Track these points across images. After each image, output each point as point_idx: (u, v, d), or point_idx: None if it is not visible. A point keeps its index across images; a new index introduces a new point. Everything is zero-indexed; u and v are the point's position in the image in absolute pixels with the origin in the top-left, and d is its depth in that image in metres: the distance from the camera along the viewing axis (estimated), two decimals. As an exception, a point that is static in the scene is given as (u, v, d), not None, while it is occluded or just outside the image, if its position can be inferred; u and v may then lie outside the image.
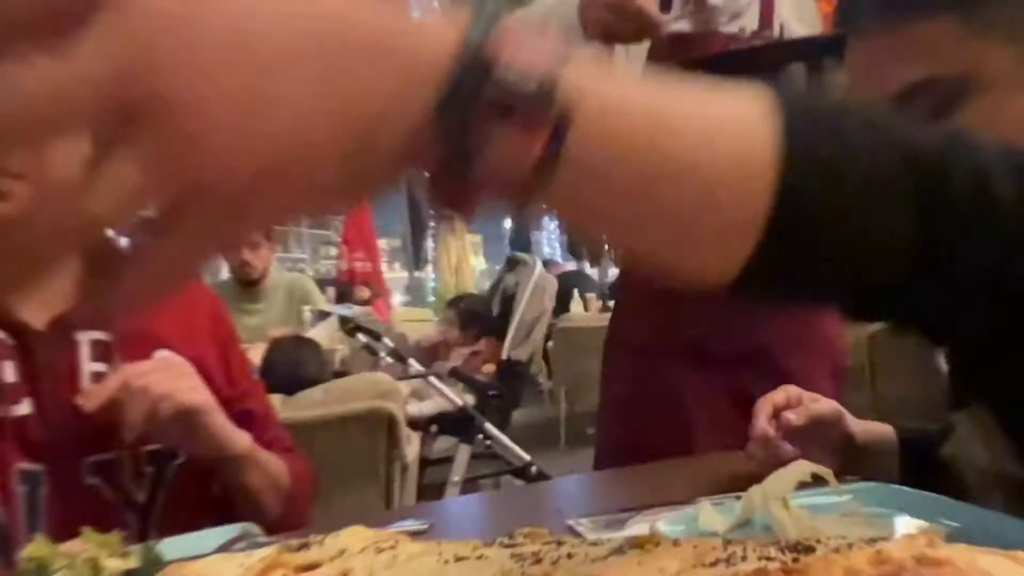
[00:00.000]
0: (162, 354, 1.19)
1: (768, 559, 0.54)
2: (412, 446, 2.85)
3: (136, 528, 1.12)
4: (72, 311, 1.11)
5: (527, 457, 3.59)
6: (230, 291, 4.51)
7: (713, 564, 0.55)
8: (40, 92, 0.34)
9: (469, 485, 3.56)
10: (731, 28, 1.67)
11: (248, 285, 4.51)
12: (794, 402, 1.18)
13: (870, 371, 3.57)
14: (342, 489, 2.63)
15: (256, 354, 3.13)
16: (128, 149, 0.36)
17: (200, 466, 1.19)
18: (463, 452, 3.65)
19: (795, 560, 0.53)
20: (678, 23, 1.53)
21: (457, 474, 3.57)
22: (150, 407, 1.04)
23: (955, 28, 0.78)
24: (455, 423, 3.70)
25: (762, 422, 1.17)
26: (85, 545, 0.95)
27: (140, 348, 1.17)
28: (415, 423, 3.12)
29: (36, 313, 1.11)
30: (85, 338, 1.14)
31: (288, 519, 1.22)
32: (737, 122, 0.48)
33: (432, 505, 1.29)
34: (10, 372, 1.07)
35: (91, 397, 1.06)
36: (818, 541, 0.57)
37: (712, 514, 0.85)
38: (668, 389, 1.63)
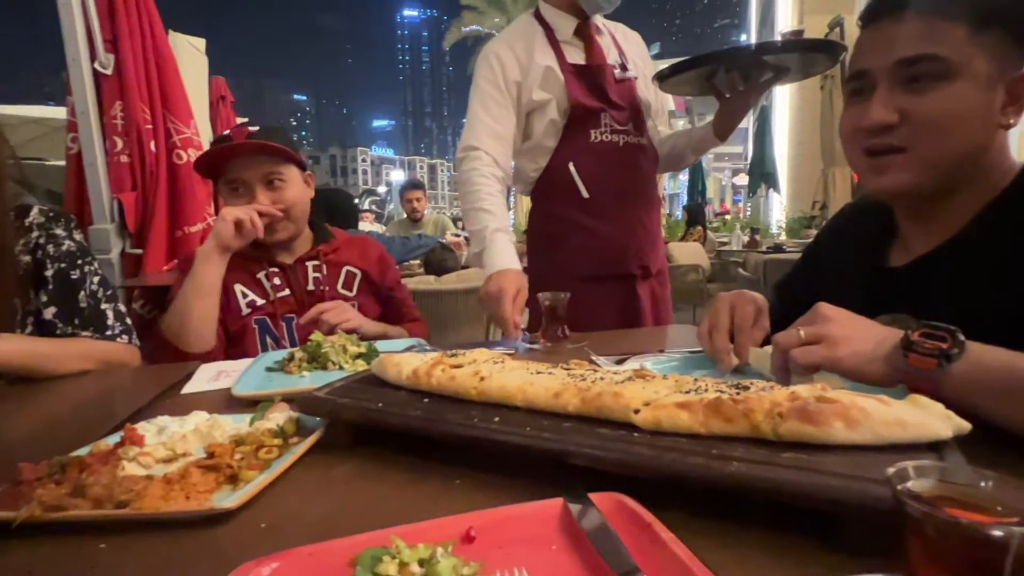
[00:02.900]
0: (348, 269, 1.36)
1: (721, 392, 0.51)
2: (501, 307, 2.90)
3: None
4: (304, 255, 1.34)
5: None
6: (406, 223, 4.68)
7: (687, 392, 0.52)
8: None
9: (527, 331, 3.62)
10: (611, 63, 1.48)
11: (415, 221, 4.71)
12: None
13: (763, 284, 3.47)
14: (465, 327, 2.72)
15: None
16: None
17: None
18: (527, 312, 3.68)
19: (738, 394, 0.49)
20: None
21: (524, 324, 3.61)
22: (329, 325, 1.17)
23: (964, 32, 0.67)
24: (525, 297, 3.71)
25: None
26: (340, 338, 0.97)
27: (337, 266, 1.36)
28: (503, 295, 3.14)
29: (289, 257, 1.35)
30: (310, 264, 1.34)
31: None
32: None
33: (510, 340, 1.29)
34: (279, 279, 1.30)
35: (304, 316, 1.21)
36: (751, 383, 0.53)
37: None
38: (627, 296, 1.50)
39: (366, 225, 5.60)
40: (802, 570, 0.38)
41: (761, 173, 8.23)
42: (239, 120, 4.24)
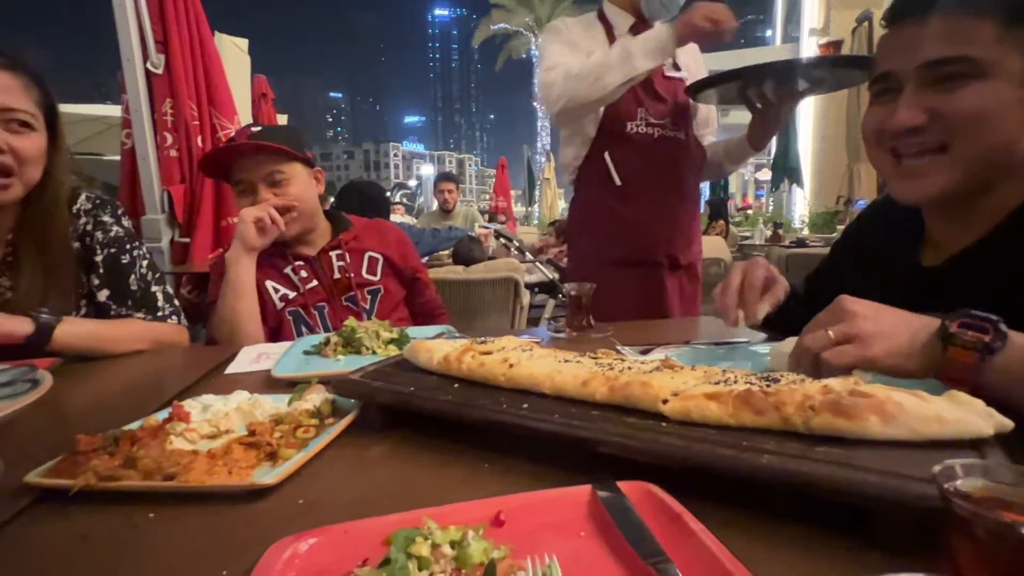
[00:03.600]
0: (370, 255, 1.37)
1: (751, 384, 0.49)
2: (525, 297, 2.88)
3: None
4: (326, 245, 1.34)
5: (586, 309, 3.60)
6: (437, 214, 4.70)
7: (716, 383, 0.50)
8: None
9: (553, 320, 3.61)
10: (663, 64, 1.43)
11: (446, 212, 4.72)
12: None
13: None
14: (491, 316, 2.72)
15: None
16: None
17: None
18: (550, 303, 3.68)
19: (768, 386, 0.47)
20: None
21: (547, 314, 3.62)
22: None
23: (993, 29, 0.62)
24: (547, 287, 3.70)
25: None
26: (373, 324, 0.98)
27: (359, 253, 1.37)
28: (528, 285, 3.12)
29: (311, 249, 1.34)
30: (333, 253, 1.34)
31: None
32: None
33: (534, 329, 1.29)
34: (306, 271, 1.31)
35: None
36: (782, 375, 0.50)
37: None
38: (653, 284, 1.48)
39: (397, 217, 5.64)
40: (834, 565, 0.36)
41: (784, 168, 7.95)
42: (279, 117, 4.32)
